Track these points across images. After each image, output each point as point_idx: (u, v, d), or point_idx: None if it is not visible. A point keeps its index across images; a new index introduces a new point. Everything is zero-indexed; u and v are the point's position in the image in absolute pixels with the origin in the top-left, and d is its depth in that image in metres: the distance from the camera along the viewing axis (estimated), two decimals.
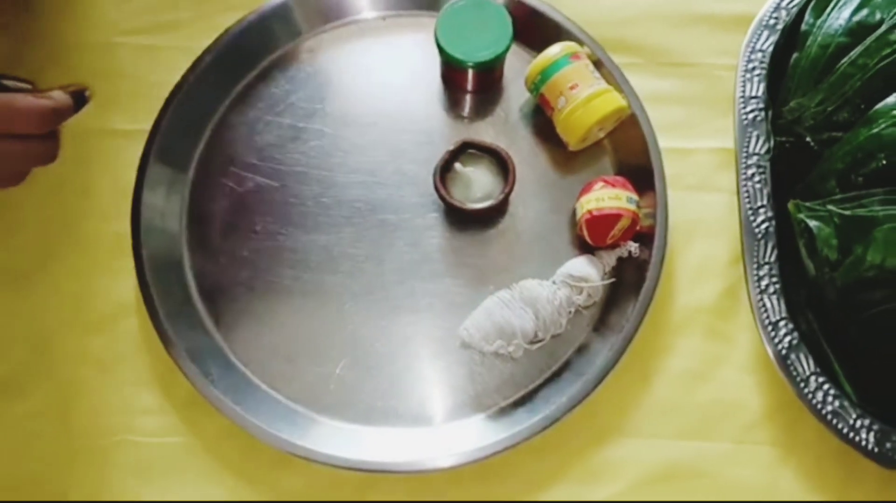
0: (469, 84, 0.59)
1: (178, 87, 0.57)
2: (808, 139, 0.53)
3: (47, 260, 0.56)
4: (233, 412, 0.51)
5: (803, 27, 0.55)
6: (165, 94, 0.57)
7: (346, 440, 0.51)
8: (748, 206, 0.53)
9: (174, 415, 0.53)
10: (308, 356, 0.54)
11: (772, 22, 0.57)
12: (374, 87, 0.60)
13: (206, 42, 0.59)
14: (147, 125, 0.57)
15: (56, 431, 0.53)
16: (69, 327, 0.55)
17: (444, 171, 0.55)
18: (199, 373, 0.51)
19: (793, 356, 0.50)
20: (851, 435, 0.48)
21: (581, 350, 0.53)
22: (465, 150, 0.55)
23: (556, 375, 0.53)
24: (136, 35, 0.61)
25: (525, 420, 0.51)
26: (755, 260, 0.52)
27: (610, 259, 0.54)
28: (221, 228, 0.57)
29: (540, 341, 0.53)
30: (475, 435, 0.51)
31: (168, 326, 0.53)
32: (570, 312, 0.53)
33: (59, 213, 0.57)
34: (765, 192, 0.53)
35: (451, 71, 0.58)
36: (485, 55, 0.55)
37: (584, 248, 0.55)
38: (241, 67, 0.59)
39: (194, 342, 0.53)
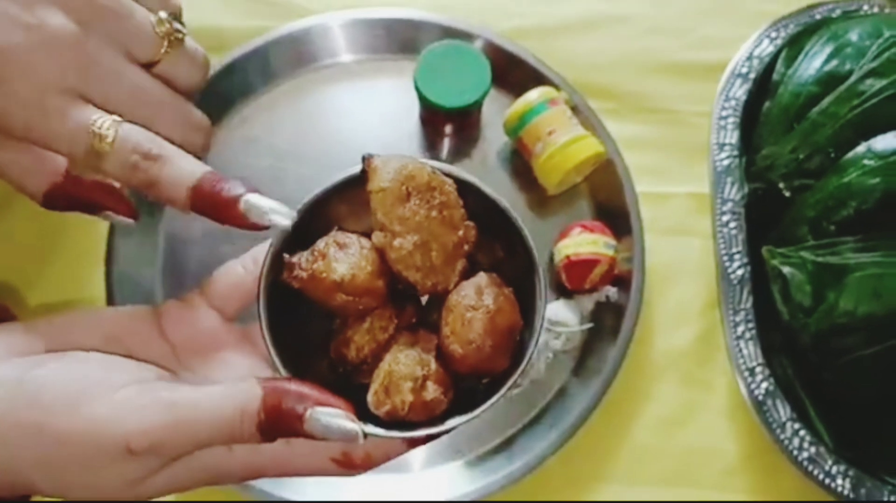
0: (447, 127, 0.59)
1: None
2: (780, 186, 0.54)
3: (17, 302, 0.55)
4: None
5: (775, 76, 0.56)
6: None
7: (322, 486, 0.51)
8: (724, 252, 0.53)
9: None
10: None
11: (744, 70, 0.58)
12: (354, 129, 0.60)
13: None
14: None
15: None
16: None
17: None
18: None
19: (769, 402, 0.50)
20: (827, 481, 0.49)
21: (560, 395, 0.53)
22: None
23: (536, 421, 0.52)
24: None
25: (504, 467, 0.51)
26: (731, 305, 0.52)
27: (588, 304, 0.54)
28: (198, 272, 0.56)
29: (518, 387, 0.53)
30: (453, 482, 0.51)
31: None
32: (548, 357, 0.53)
33: (31, 254, 0.56)
34: (740, 238, 0.54)
35: (430, 114, 0.59)
36: (463, 100, 0.55)
37: (562, 292, 0.55)
38: (217, 110, 0.59)
39: None
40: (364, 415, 0.30)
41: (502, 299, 0.31)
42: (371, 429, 0.29)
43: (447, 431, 0.30)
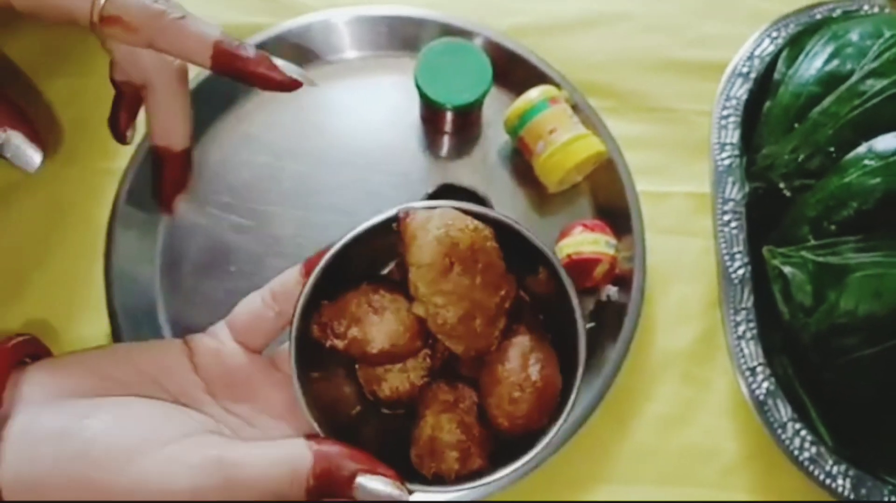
0: (447, 125, 0.59)
1: None
2: (781, 186, 0.54)
3: (15, 298, 0.54)
4: None
5: (776, 76, 0.56)
6: (141, 132, 0.56)
7: None
8: (725, 251, 0.53)
9: None
10: None
11: (745, 70, 0.58)
12: (353, 127, 0.60)
13: None
14: (123, 163, 0.56)
15: None
16: None
17: None
18: None
19: (770, 402, 0.50)
20: (828, 481, 0.49)
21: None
22: (444, 193, 0.55)
23: None
24: None
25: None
26: (732, 305, 0.52)
27: (588, 303, 0.54)
28: (196, 269, 0.56)
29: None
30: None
31: None
32: None
33: (30, 251, 0.55)
34: (741, 237, 0.54)
35: (430, 112, 0.58)
36: (464, 98, 0.55)
37: None
38: (217, 106, 0.59)
39: None
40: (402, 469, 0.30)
41: (547, 370, 0.30)
42: (418, 489, 0.30)
43: (487, 484, 0.30)
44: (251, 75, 0.38)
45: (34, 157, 0.36)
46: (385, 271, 0.34)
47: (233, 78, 0.39)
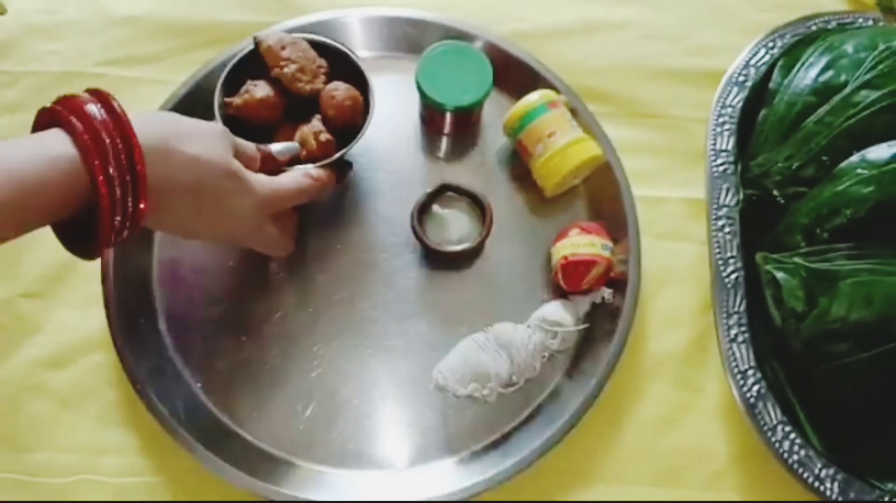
0: (447, 127, 0.60)
1: None
2: (774, 193, 0.55)
3: (10, 286, 0.55)
4: (198, 452, 0.50)
5: (771, 85, 0.57)
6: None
7: (314, 482, 0.51)
8: (718, 256, 0.54)
9: (137, 454, 0.51)
10: (278, 396, 0.53)
11: (741, 79, 0.59)
12: None
13: (184, 76, 0.58)
14: None
15: (11, 467, 0.51)
16: (31, 359, 0.53)
17: (422, 212, 0.55)
18: (166, 412, 0.50)
19: (760, 405, 0.51)
20: (816, 484, 0.49)
21: (554, 395, 0.53)
22: (443, 193, 0.56)
23: (529, 420, 0.53)
24: (114, 66, 0.60)
25: (497, 464, 0.51)
26: (725, 309, 0.53)
27: (584, 304, 0.55)
28: (193, 264, 0.56)
29: (514, 385, 0.53)
30: (446, 479, 0.51)
31: (134, 362, 0.51)
32: (543, 357, 0.53)
33: (26, 240, 0.55)
34: (734, 243, 0.54)
35: (430, 113, 0.59)
36: (465, 100, 0.56)
37: (559, 292, 0.55)
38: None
39: (161, 379, 0.52)
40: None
41: (350, 88, 0.54)
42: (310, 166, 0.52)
43: (340, 156, 0.53)
44: None
45: None
46: None
47: None
